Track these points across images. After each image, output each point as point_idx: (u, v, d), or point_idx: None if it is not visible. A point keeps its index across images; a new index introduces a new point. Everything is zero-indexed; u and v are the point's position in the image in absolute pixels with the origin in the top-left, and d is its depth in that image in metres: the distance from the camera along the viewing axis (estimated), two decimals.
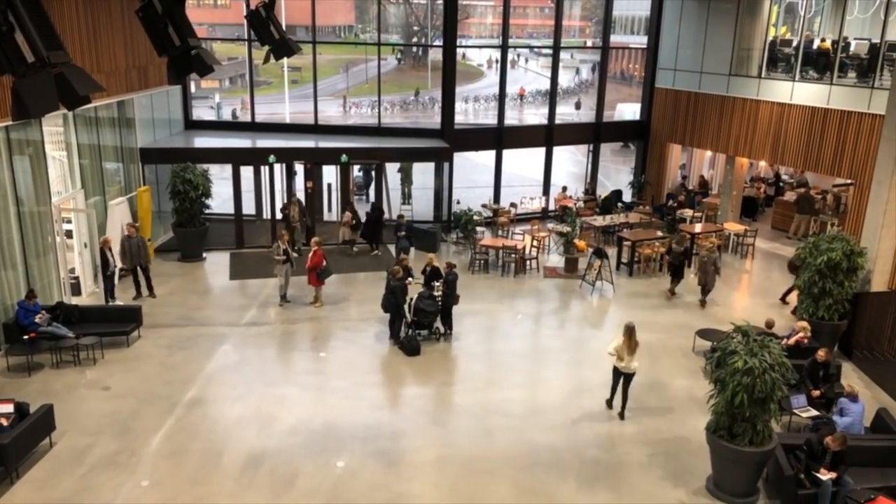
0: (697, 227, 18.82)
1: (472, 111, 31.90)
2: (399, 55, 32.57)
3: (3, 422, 9.05)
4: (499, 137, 21.30)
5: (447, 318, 13.58)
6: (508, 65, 22.53)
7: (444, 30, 19.77)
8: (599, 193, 22.66)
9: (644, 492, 9.20)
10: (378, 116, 21.32)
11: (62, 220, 14.20)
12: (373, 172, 21.48)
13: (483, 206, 20.50)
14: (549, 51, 22.23)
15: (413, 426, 10.53)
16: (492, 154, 21.40)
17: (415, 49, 32.84)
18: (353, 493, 8.94)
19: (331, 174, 20.94)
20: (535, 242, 18.35)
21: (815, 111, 17.92)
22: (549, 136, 21.90)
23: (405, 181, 22.75)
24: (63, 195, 14.35)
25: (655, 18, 22.33)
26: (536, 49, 33.98)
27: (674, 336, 13.84)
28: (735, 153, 20.43)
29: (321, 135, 20.58)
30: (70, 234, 14.80)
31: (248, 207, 19.60)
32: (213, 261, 17.47)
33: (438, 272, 13.99)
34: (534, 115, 31.17)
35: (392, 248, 17.79)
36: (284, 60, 19.46)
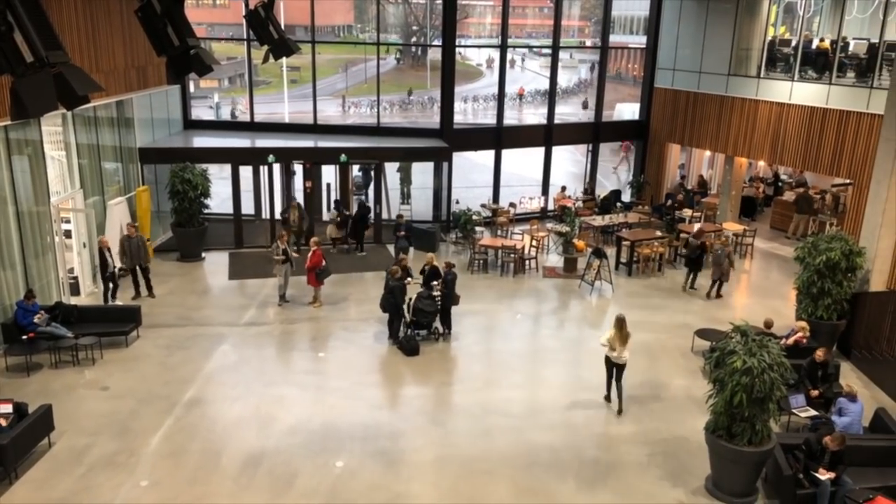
0: (696, 227, 18.78)
1: (472, 111, 31.86)
2: (398, 55, 32.54)
3: (2, 422, 9.05)
4: (498, 137, 21.30)
5: (446, 318, 13.59)
6: (507, 64, 22.51)
7: (444, 29, 19.76)
8: (598, 193, 22.68)
9: (643, 491, 9.21)
10: (377, 116, 21.33)
11: (61, 220, 14.18)
12: (372, 172, 21.48)
13: (482, 206, 20.47)
14: (549, 51, 22.24)
15: (412, 426, 10.53)
16: (491, 154, 21.40)
17: (414, 49, 32.81)
18: (352, 493, 8.94)
19: (330, 174, 20.94)
20: (535, 242, 18.33)
21: (814, 111, 17.93)
22: (549, 136, 21.90)
23: (404, 181, 22.73)
24: (62, 195, 14.35)
25: (654, 18, 22.35)
26: (536, 49, 33.95)
27: (672, 336, 13.84)
28: (734, 153, 20.44)
29: (320, 134, 20.56)
30: (69, 234, 14.78)
31: (248, 207, 19.61)
32: (212, 261, 17.46)
33: (437, 272, 13.98)
34: (533, 115, 31.15)
35: (391, 248, 17.79)
36: (283, 60, 19.46)
